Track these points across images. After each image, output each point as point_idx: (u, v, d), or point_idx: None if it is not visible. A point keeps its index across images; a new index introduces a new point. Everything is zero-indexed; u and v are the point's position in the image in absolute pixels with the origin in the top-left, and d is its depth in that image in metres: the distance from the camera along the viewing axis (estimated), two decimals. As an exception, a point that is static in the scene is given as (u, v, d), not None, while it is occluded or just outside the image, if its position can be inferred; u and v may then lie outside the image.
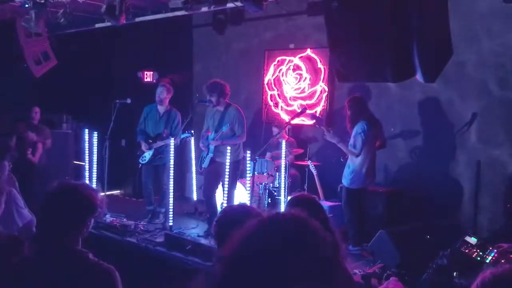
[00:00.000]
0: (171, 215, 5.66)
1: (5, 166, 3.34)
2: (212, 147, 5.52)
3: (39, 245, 2.05)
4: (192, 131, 5.88)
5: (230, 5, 5.34)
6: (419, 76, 3.38)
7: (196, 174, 7.00)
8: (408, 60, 3.36)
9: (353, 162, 5.32)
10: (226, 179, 5.32)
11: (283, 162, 5.97)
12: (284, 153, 5.94)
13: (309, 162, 6.01)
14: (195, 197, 7.03)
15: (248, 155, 5.06)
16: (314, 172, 5.96)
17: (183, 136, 5.84)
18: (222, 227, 1.99)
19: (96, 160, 6.08)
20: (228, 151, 5.10)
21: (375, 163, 5.47)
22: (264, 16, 7.55)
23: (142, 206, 6.82)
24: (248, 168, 5.29)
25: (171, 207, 5.67)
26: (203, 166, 5.70)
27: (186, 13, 6.68)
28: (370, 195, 5.67)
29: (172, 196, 5.70)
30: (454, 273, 3.98)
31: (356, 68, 3.59)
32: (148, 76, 8.63)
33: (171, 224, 5.64)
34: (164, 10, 7.10)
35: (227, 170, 5.23)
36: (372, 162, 5.37)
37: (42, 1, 5.63)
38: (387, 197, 5.85)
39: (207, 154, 5.60)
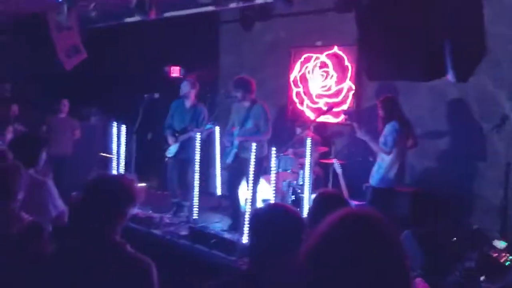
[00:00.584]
0: (196, 209, 5.70)
1: (43, 157, 3.43)
2: (236, 142, 5.54)
3: (78, 235, 2.10)
4: (215, 122, 5.91)
5: (259, 1, 5.33)
6: (450, 76, 3.32)
7: (220, 169, 7.03)
8: (439, 60, 3.30)
9: (384, 162, 5.27)
10: (251, 176, 5.32)
11: (307, 160, 5.95)
12: (309, 150, 5.91)
13: (334, 161, 5.98)
14: (219, 192, 7.07)
15: (274, 151, 5.06)
16: (339, 170, 5.92)
17: (207, 127, 5.89)
18: (260, 224, 1.99)
19: (124, 153, 6.15)
20: (253, 147, 5.11)
21: (405, 163, 5.41)
22: (291, 13, 7.52)
23: (167, 199, 6.89)
24: (273, 165, 5.28)
25: (196, 201, 5.71)
26: (227, 162, 5.73)
27: (215, 9, 6.74)
28: (396, 195, 5.61)
29: (197, 190, 5.74)
30: (482, 277, 3.92)
31: (386, 66, 3.55)
32: (175, 71, 8.71)
33: (195, 217, 5.69)
34: (192, 6, 7.17)
35: (252, 164, 5.23)
36: (402, 162, 5.31)
37: (74, -5, 5.75)
38: (413, 198, 5.79)
39: (232, 149, 5.63)
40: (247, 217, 5.14)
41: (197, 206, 5.75)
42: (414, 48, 3.39)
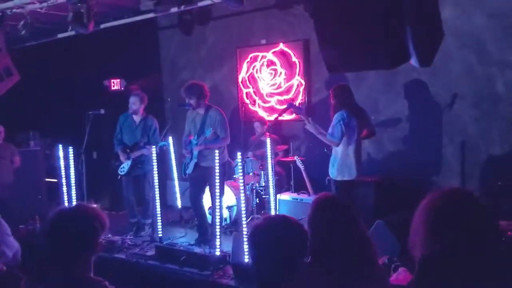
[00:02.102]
0: (160, 226, 5.42)
1: None
2: (196, 152, 5.31)
3: (46, 277, 1.85)
4: (168, 140, 5.65)
5: (203, 3, 5.13)
6: (414, 61, 3.28)
7: (178, 180, 6.76)
8: (402, 46, 3.25)
9: (337, 153, 5.19)
10: (217, 183, 5.09)
11: (269, 160, 5.82)
12: (270, 150, 5.79)
13: (295, 158, 5.89)
14: (179, 204, 6.80)
15: (239, 155, 4.86)
16: (302, 167, 5.84)
17: (160, 144, 5.62)
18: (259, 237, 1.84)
19: (73, 176, 5.74)
20: (216, 154, 4.91)
21: (361, 153, 5.37)
22: (231, 13, 7.38)
23: (123, 219, 6.55)
24: (239, 169, 5.08)
25: (159, 217, 5.43)
26: (187, 172, 5.49)
27: (153, 15, 6.46)
28: (359, 185, 5.58)
29: (159, 205, 5.46)
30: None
31: (348, 58, 3.46)
32: (116, 84, 8.30)
33: (160, 235, 5.41)
34: (126, 15, 6.85)
35: (217, 173, 5.02)
36: (356, 152, 5.24)
37: (-1, 14, 5.29)
38: (376, 187, 5.80)
39: (191, 159, 5.40)
40: (218, 228, 4.93)
41: (161, 223, 5.46)
42: (376, 36, 3.32)
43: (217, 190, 5.05)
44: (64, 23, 5.90)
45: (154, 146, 5.42)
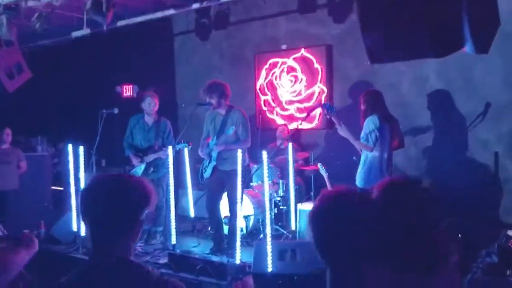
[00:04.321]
0: (174, 233, 5.07)
1: None
2: (215, 154, 5.00)
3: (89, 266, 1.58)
4: (190, 143, 5.33)
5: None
6: (468, 48, 2.98)
7: (192, 189, 6.42)
8: (454, 32, 2.96)
9: (368, 160, 4.89)
10: (239, 187, 4.76)
11: (291, 167, 5.52)
12: (292, 157, 5.49)
13: (319, 165, 5.56)
14: (192, 214, 6.44)
15: (264, 155, 4.54)
16: (326, 174, 5.50)
17: (179, 146, 5.29)
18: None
19: (83, 178, 5.42)
20: (239, 155, 4.59)
21: (392, 161, 5.06)
22: (250, 18, 7.18)
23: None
24: (265, 172, 4.73)
25: (173, 224, 5.08)
26: (204, 176, 5.16)
27: (173, 12, 6.23)
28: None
29: (174, 211, 5.12)
30: (508, 271, 3.58)
31: (394, 45, 3.17)
32: (128, 90, 8.08)
33: (174, 242, 5.05)
34: (149, 11, 6.65)
35: (239, 174, 4.69)
36: (389, 160, 4.96)
37: (14, 6, 5.07)
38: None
39: (209, 162, 5.08)
40: (238, 234, 4.59)
41: (175, 230, 5.11)
42: (425, 21, 3.04)
43: (239, 194, 4.71)
44: (78, 22, 5.71)
45: (171, 148, 5.11)
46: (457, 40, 2.99)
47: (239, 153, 4.61)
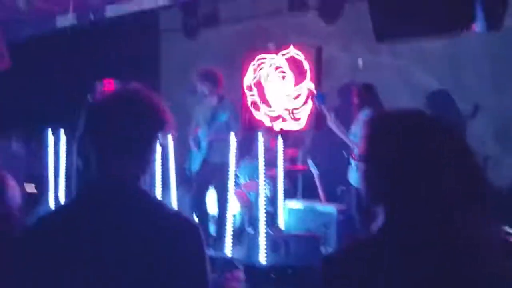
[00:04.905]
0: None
1: None
2: (204, 144, 4.82)
3: (87, 188, 1.36)
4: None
5: None
6: (479, 26, 2.94)
7: (177, 185, 6.18)
8: (466, 8, 2.92)
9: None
10: (231, 178, 4.58)
11: (280, 166, 5.37)
12: (281, 155, 5.35)
13: (309, 161, 5.44)
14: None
15: (261, 139, 4.39)
16: (316, 172, 5.38)
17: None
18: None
19: (63, 169, 5.14)
20: (233, 141, 4.43)
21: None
22: (240, 16, 7.10)
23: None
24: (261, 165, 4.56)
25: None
26: (192, 170, 4.97)
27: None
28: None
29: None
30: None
31: (401, 24, 3.12)
32: (109, 86, 7.84)
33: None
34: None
35: (233, 165, 4.52)
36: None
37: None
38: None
39: (198, 153, 4.90)
40: (228, 228, 4.40)
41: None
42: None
43: (230, 185, 4.53)
44: (64, 10, 5.50)
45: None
46: (468, 16, 2.94)
47: (233, 137, 4.44)
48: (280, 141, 5.51)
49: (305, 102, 6.47)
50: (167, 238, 1.26)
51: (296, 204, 5.41)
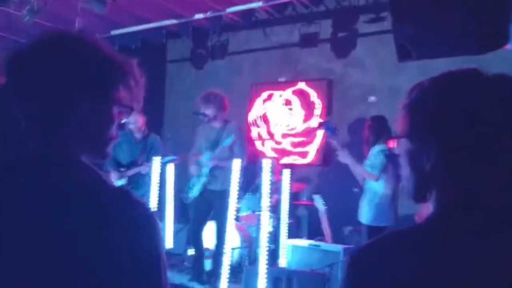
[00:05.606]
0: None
1: None
2: (206, 170, 4.52)
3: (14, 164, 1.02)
4: (177, 159, 4.87)
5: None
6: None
7: (174, 217, 5.83)
8: (500, 25, 2.68)
9: (374, 193, 4.48)
10: (232, 205, 4.25)
11: (284, 199, 5.04)
12: (287, 187, 5.04)
13: (314, 197, 5.11)
14: (170, 244, 5.82)
15: (266, 166, 4.08)
16: (323, 208, 5.04)
17: (166, 159, 4.81)
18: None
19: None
20: (237, 164, 4.13)
21: (398, 195, 4.66)
22: (250, 49, 6.98)
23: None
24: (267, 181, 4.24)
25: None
26: (190, 196, 4.64)
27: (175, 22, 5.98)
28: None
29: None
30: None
31: (429, 40, 2.88)
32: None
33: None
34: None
35: (235, 187, 4.19)
36: (395, 193, 4.56)
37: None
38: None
39: (199, 179, 4.58)
40: (225, 263, 4.02)
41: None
42: (466, 11, 2.77)
43: (231, 213, 4.19)
44: (70, 21, 5.35)
45: (159, 158, 4.61)
46: (500, 35, 2.71)
47: (234, 170, 4.14)
48: (285, 175, 5.23)
49: (313, 137, 6.22)
50: (104, 228, 0.94)
51: (300, 242, 5.03)
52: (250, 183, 5.75)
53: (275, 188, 5.37)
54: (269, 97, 6.68)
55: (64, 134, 1.02)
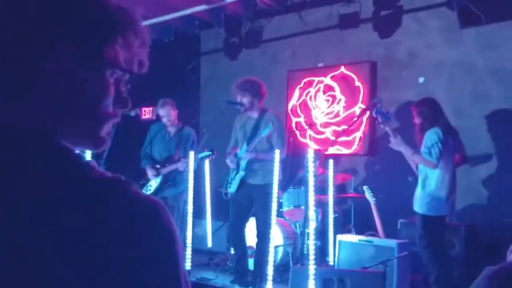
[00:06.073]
0: (189, 259, 4.20)
1: None
2: (244, 163, 4.21)
3: None
4: (214, 151, 4.58)
5: None
6: None
7: (211, 216, 5.58)
8: None
9: (429, 180, 4.06)
10: (274, 202, 3.93)
11: (330, 192, 4.68)
12: (332, 180, 4.67)
13: (365, 188, 4.72)
14: (209, 244, 5.57)
15: (311, 154, 3.73)
16: (373, 200, 4.64)
17: (201, 155, 4.54)
18: None
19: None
20: (277, 157, 3.81)
21: (456, 183, 4.21)
22: (285, 34, 6.61)
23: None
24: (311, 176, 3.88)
25: (189, 248, 4.22)
26: (229, 192, 4.35)
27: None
28: (449, 228, 4.37)
29: (191, 234, 4.27)
30: None
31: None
32: (147, 113, 7.46)
33: (188, 268, 4.17)
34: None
35: (276, 187, 3.87)
36: (453, 180, 4.12)
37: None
38: (466, 233, 4.55)
39: (237, 174, 4.28)
40: (270, 263, 3.71)
41: (190, 256, 4.24)
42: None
43: (273, 210, 3.87)
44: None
45: (193, 153, 4.33)
46: None
47: (277, 152, 3.81)
48: (331, 165, 4.87)
49: (358, 124, 5.79)
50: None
51: (349, 237, 4.66)
52: (291, 176, 5.41)
53: (319, 181, 5.02)
54: (309, 84, 6.30)
55: (35, 102, 0.70)
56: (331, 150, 5.89)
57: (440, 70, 5.31)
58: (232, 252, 4.74)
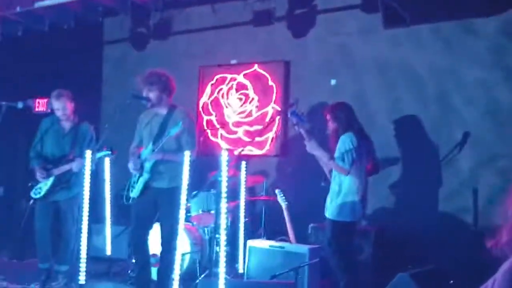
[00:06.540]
0: (83, 271, 3.73)
1: None
2: (149, 165, 3.81)
3: None
4: (114, 151, 4.13)
5: None
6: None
7: (111, 221, 5.09)
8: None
9: (340, 187, 3.96)
10: (182, 207, 3.58)
11: (242, 196, 4.44)
12: (244, 184, 4.43)
13: (277, 191, 4.53)
14: (108, 251, 5.08)
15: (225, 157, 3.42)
16: (284, 204, 4.47)
17: (100, 154, 4.07)
18: None
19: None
20: (186, 158, 3.47)
21: (366, 190, 4.16)
22: (197, 28, 6.28)
23: (29, 268, 4.76)
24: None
25: (84, 260, 3.74)
26: (131, 196, 3.93)
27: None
28: (358, 232, 4.31)
29: (86, 244, 3.79)
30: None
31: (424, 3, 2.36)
32: (42, 105, 6.73)
33: (82, 282, 3.69)
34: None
35: (185, 190, 3.52)
36: (364, 186, 4.06)
37: None
38: (375, 238, 4.54)
39: (140, 176, 3.87)
40: (176, 272, 3.37)
41: (85, 267, 3.77)
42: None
43: (181, 216, 3.53)
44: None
45: (90, 154, 3.85)
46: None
47: (187, 154, 3.48)
48: (243, 167, 4.62)
49: (270, 125, 5.61)
50: None
51: (260, 243, 4.45)
52: (201, 179, 5.09)
53: (231, 184, 4.76)
54: (221, 81, 6.02)
55: None
56: (242, 151, 5.67)
57: (353, 72, 5.28)
58: (134, 261, 4.33)
